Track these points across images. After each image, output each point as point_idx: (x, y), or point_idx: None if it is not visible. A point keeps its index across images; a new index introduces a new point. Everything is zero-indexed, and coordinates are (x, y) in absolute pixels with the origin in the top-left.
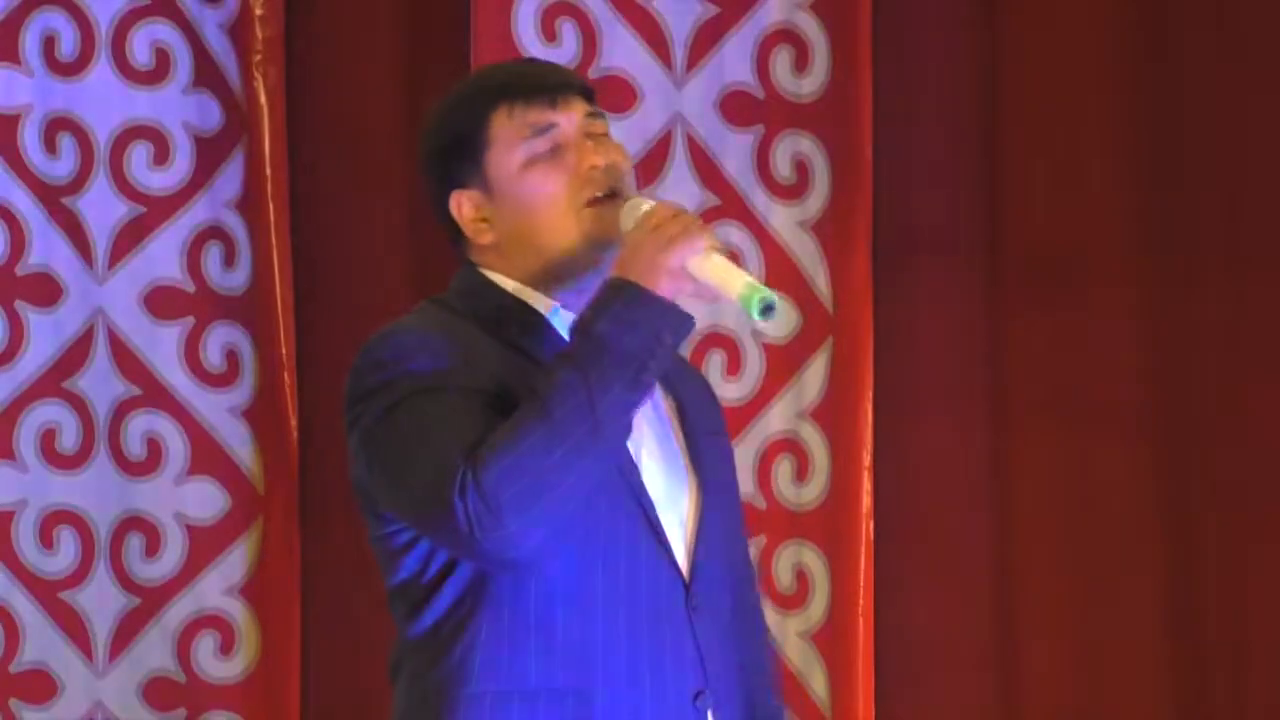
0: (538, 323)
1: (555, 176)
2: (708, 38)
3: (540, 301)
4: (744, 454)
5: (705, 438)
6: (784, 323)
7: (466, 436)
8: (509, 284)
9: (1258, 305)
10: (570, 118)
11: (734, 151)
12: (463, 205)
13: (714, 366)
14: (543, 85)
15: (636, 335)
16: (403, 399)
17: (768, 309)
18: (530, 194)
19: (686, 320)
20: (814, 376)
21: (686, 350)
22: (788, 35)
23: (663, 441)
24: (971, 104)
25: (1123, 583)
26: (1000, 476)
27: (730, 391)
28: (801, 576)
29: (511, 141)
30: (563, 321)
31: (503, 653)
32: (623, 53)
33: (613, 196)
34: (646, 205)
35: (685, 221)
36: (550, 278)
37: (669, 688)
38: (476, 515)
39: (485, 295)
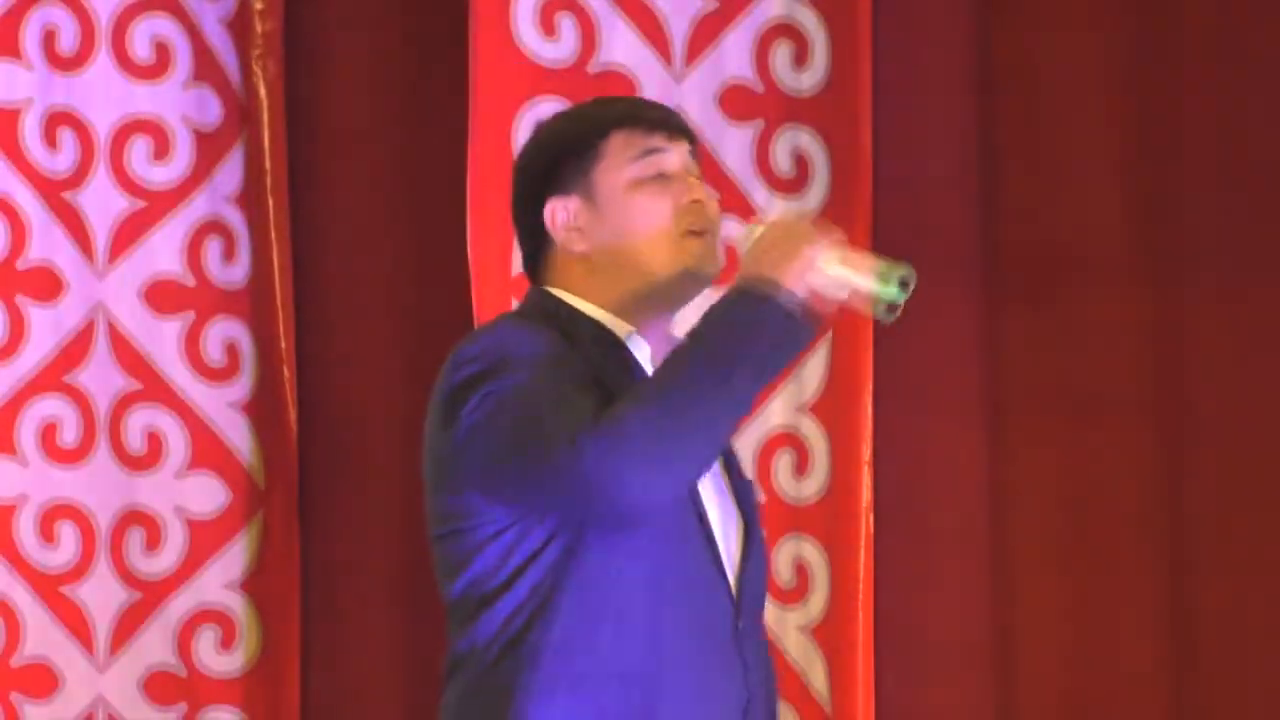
0: (617, 345)
1: (662, 201)
2: (707, 32)
3: (619, 327)
4: (743, 448)
5: (740, 479)
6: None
7: (587, 405)
8: (587, 308)
9: (1253, 304)
10: (680, 152)
11: (734, 146)
12: (558, 212)
13: None
14: (661, 120)
15: (768, 332)
16: (514, 379)
17: (893, 307)
18: (637, 212)
19: (813, 330)
20: (814, 370)
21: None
22: (787, 29)
23: (715, 479)
24: (970, 99)
25: (1120, 578)
26: (999, 471)
27: None
28: (801, 571)
29: (623, 159)
30: (639, 349)
31: (579, 637)
32: (622, 47)
33: (706, 234)
34: (760, 230)
35: (797, 233)
36: (637, 302)
37: (726, 694)
38: (601, 466)
39: (562, 313)
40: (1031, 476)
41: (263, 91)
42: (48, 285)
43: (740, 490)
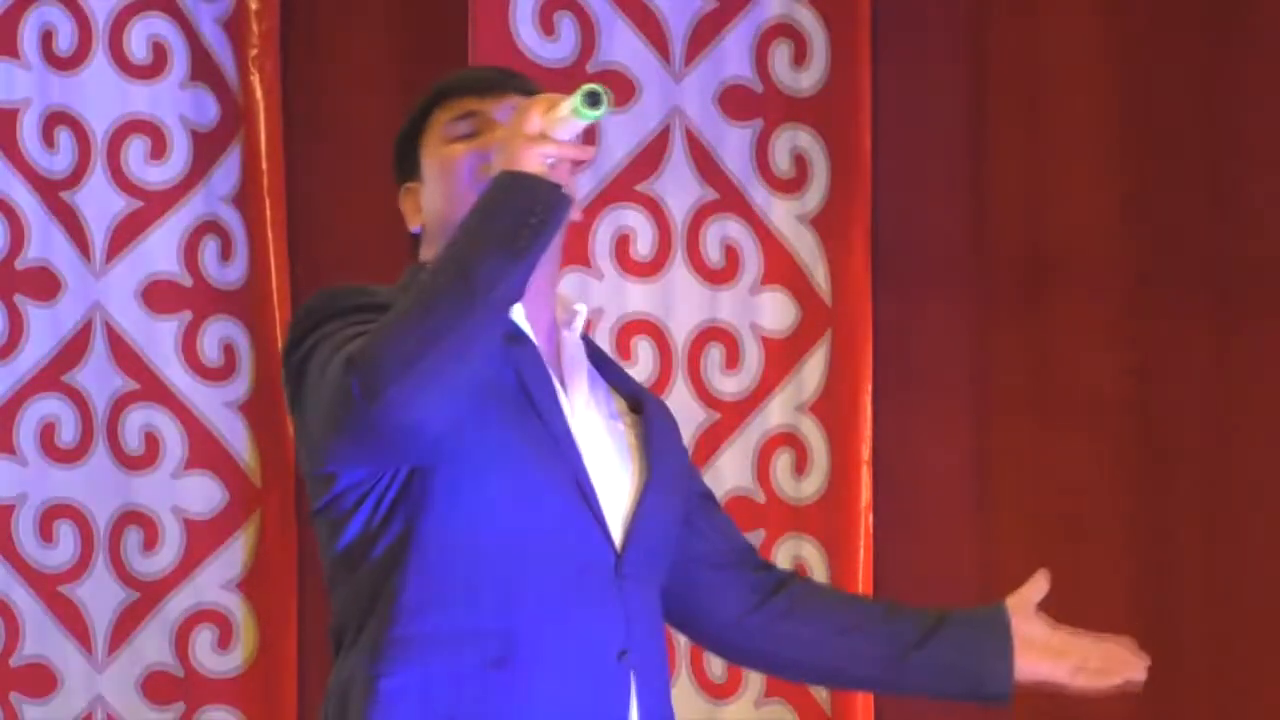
0: None
1: (463, 153)
2: (706, 32)
3: None
4: (743, 448)
5: (650, 428)
6: (783, 311)
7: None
8: None
9: (1238, 308)
10: (498, 106)
11: (733, 145)
12: (405, 199)
13: (713, 361)
14: (474, 81)
15: (504, 208)
16: (326, 335)
17: (591, 99)
18: (439, 171)
19: (554, 187)
20: (813, 370)
21: (687, 346)
22: (786, 29)
23: (608, 425)
24: (966, 101)
25: (1103, 578)
26: (988, 472)
27: (729, 385)
28: (800, 570)
29: (439, 129)
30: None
31: (431, 596)
32: (621, 47)
33: None
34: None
35: (522, 103)
36: None
37: (593, 641)
38: (362, 387)
39: (415, 276)
40: (1018, 477)
41: (260, 91)
42: (46, 285)
43: (650, 442)
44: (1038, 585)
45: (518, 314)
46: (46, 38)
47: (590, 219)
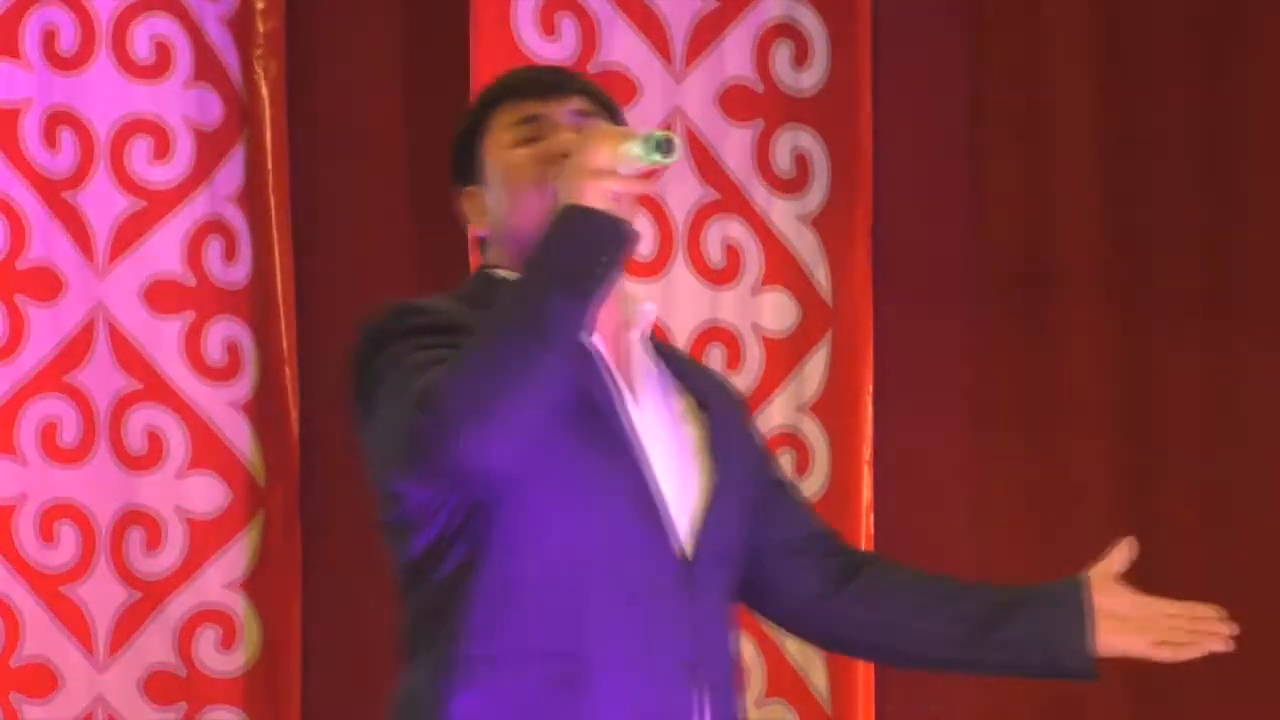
0: None
1: (527, 159)
2: (707, 32)
3: None
4: None
5: (722, 428)
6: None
7: (438, 371)
8: (513, 277)
9: (1234, 314)
10: (561, 109)
11: (734, 145)
12: (465, 202)
13: (714, 361)
14: (535, 83)
15: (573, 245)
16: (391, 359)
17: (663, 146)
18: (503, 177)
19: (620, 224)
20: (814, 371)
21: (688, 346)
22: (787, 29)
23: (676, 430)
24: (966, 101)
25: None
26: (984, 474)
27: None
28: None
29: (501, 131)
30: None
31: (497, 616)
32: (622, 47)
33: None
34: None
35: (597, 129)
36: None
37: (662, 656)
38: (433, 432)
39: (486, 284)
40: (1018, 478)
41: (264, 91)
42: (47, 285)
43: (718, 443)
44: (1121, 554)
45: None
46: (48, 37)
47: None
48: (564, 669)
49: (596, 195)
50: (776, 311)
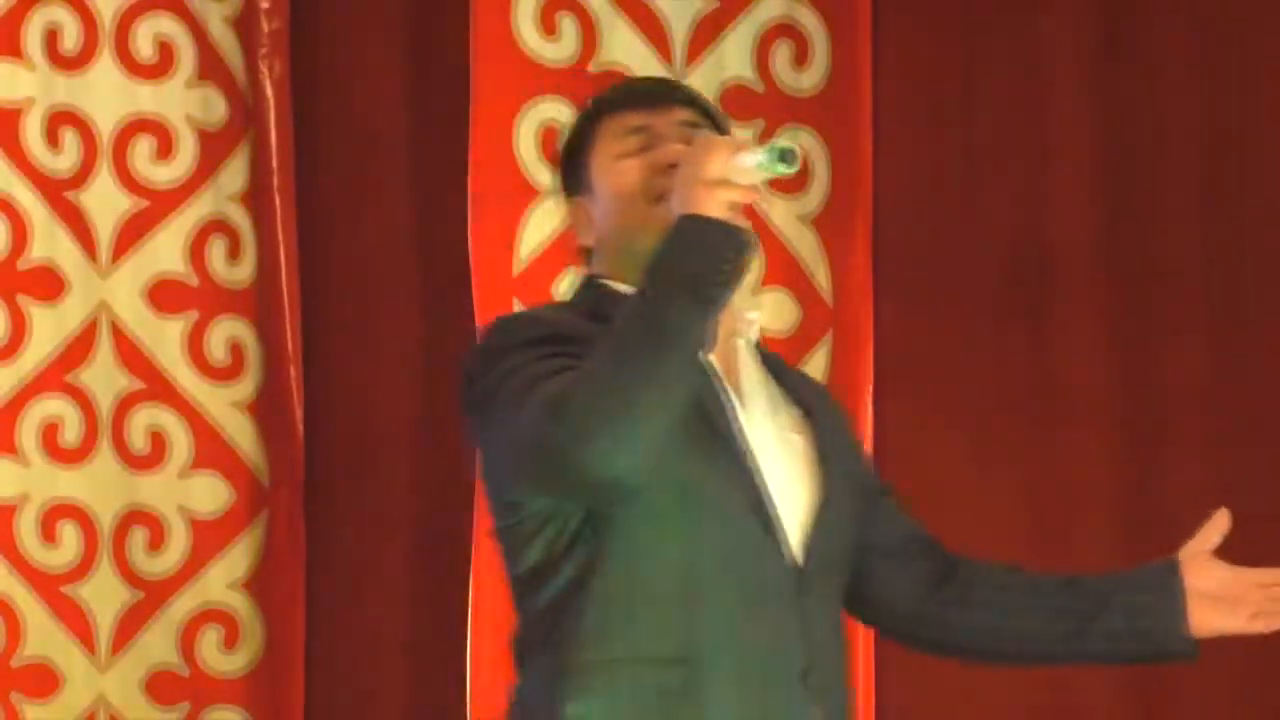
0: None
1: (636, 168)
2: (708, 32)
3: None
4: None
5: (825, 433)
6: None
7: (563, 382)
8: (621, 288)
9: (1235, 309)
10: (667, 120)
11: None
12: (572, 212)
13: None
14: (645, 94)
15: (694, 255)
16: (512, 369)
17: (785, 156)
18: (611, 186)
19: (741, 233)
20: (814, 370)
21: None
22: (787, 29)
23: (785, 438)
24: (965, 101)
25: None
26: (994, 472)
27: None
28: None
29: (609, 143)
30: None
31: (614, 622)
32: (622, 47)
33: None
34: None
35: (712, 139)
36: (642, 269)
37: (776, 664)
38: (565, 443)
39: (597, 294)
40: (1018, 477)
41: (269, 90)
42: (50, 285)
43: (826, 451)
44: (1212, 530)
45: None
46: (51, 37)
47: None
48: (680, 676)
49: (714, 204)
50: (777, 311)
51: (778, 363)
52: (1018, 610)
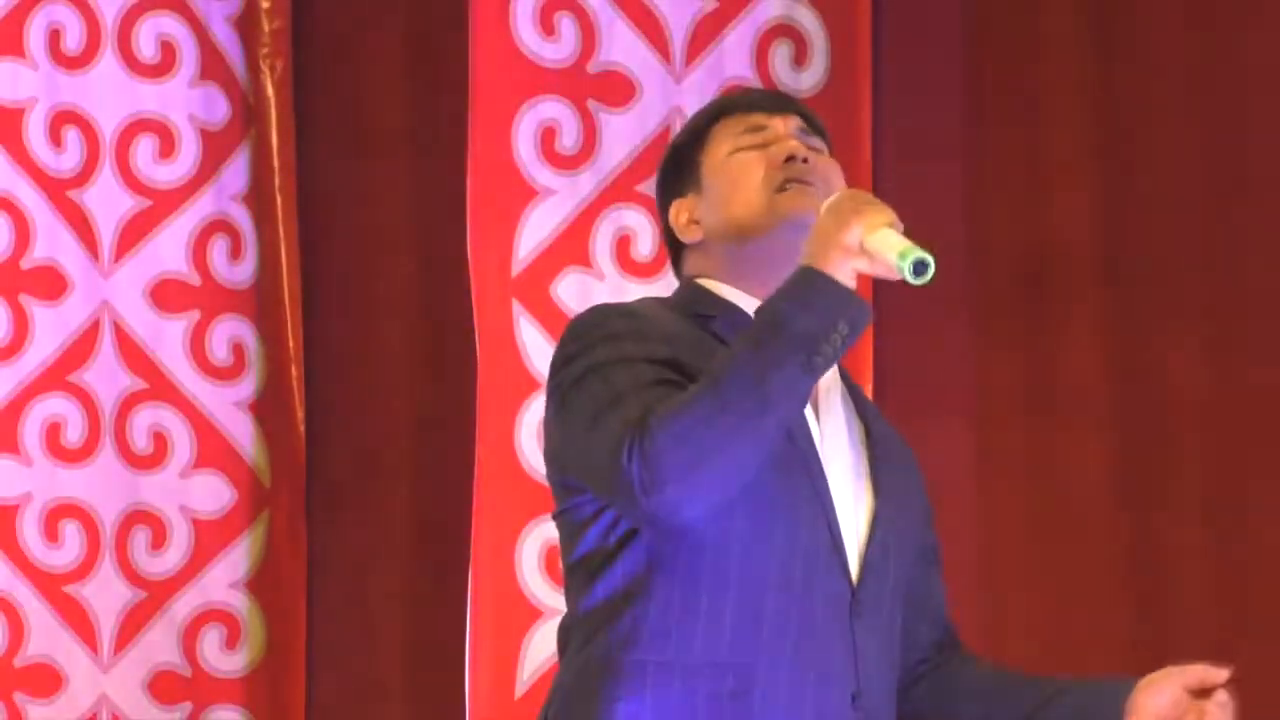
0: (742, 319)
1: (756, 160)
2: (707, 32)
3: (748, 304)
4: None
5: (890, 464)
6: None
7: (648, 404)
8: (722, 289)
9: (1235, 311)
10: (785, 124)
11: None
12: (679, 213)
13: None
14: (761, 98)
15: (812, 317)
16: (598, 365)
17: (919, 267)
18: (730, 177)
19: (863, 308)
20: None
21: None
22: (787, 29)
23: (849, 456)
24: (965, 101)
25: (1101, 582)
26: (994, 472)
27: None
28: None
29: (725, 139)
30: None
31: (671, 623)
32: (622, 47)
33: (803, 185)
34: (839, 195)
35: (860, 199)
36: (756, 269)
37: (830, 682)
38: (641, 478)
39: (696, 293)
40: (1018, 478)
41: (270, 90)
42: (52, 284)
43: (881, 469)
44: (1203, 676)
45: None
46: (54, 37)
47: (591, 219)
48: (734, 682)
49: (844, 268)
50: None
51: (856, 390)
52: (974, 702)
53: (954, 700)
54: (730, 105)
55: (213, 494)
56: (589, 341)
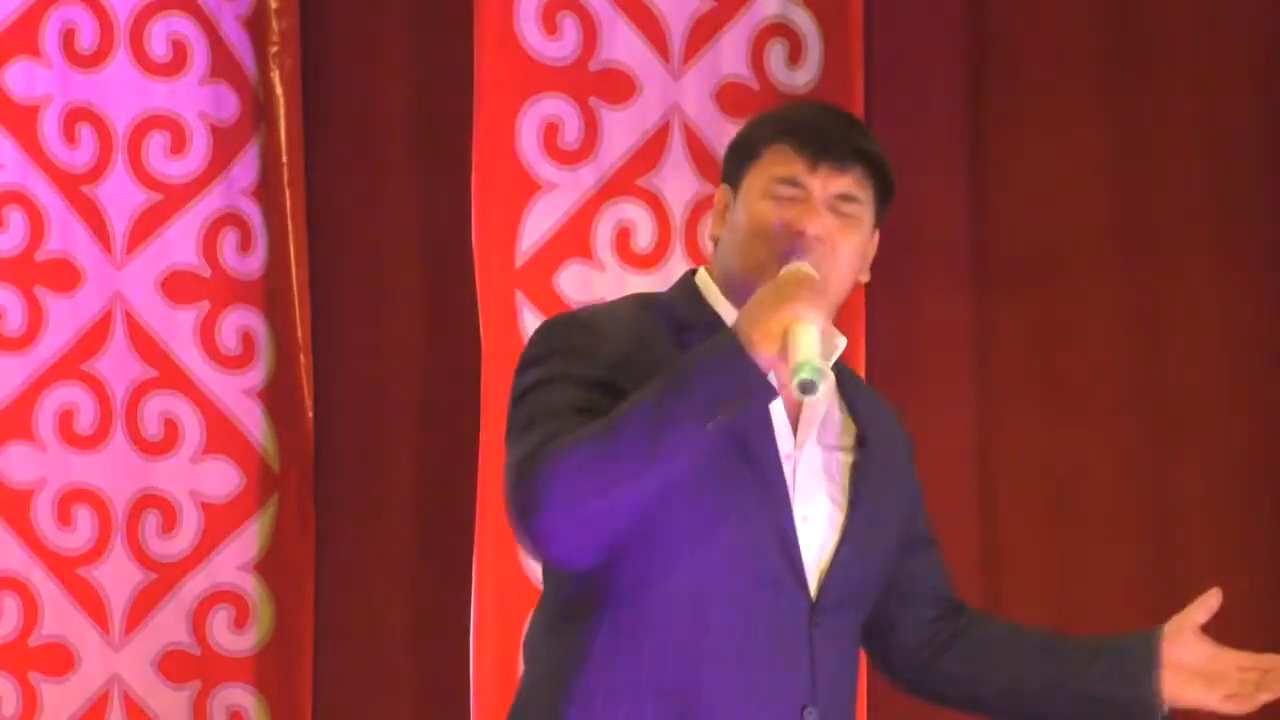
0: (716, 328)
1: (772, 215)
2: (704, 31)
3: (732, 317)
4: None
5: (872, 467)
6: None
7: (557, 431)
8: (716, 294)
9: (1242, 292)
10: (825, 186)
11: (731, 140)
12: (720, 198)
13: None
14: (821, 149)
15: (720, 385)
16: (539, 382)
17: (806, 386)
18: (748, 222)
19: (769, 391)
20: None
21: None
22: (782, 29)
23: (828, 460)
24: (960, 96)
25: (1102, 556)
26: (989, 455)
27: None
28: None
29: (764, 175)
30: None
31: (619, 648)
32: (622, 46)
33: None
34: (798, 268)
35: (804, 286)
36: (741, 297)
37: (777, 695)
38: (523, 502)
39: (688, 292)
40: (1018, 459)
41: (279, 88)
42: (66, 276)
43: (860, 476)
44: (1202, 606)
45: None
46: (68, 36)
47: (592, 212)
48: (680, 706)
49: (764, 346)
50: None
51: (856, 385)
52: (1003, 664)
53: (983, 669)
54: (794, 129)
55: (222, 479)
56: (542, 352)
